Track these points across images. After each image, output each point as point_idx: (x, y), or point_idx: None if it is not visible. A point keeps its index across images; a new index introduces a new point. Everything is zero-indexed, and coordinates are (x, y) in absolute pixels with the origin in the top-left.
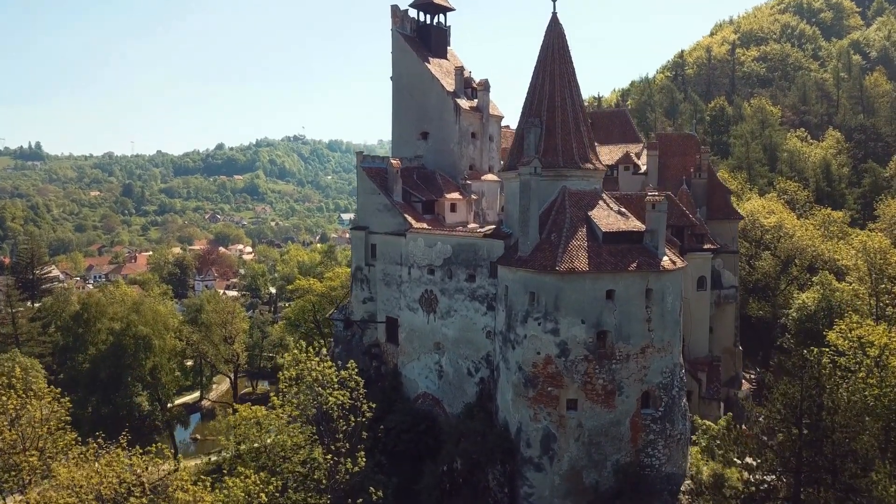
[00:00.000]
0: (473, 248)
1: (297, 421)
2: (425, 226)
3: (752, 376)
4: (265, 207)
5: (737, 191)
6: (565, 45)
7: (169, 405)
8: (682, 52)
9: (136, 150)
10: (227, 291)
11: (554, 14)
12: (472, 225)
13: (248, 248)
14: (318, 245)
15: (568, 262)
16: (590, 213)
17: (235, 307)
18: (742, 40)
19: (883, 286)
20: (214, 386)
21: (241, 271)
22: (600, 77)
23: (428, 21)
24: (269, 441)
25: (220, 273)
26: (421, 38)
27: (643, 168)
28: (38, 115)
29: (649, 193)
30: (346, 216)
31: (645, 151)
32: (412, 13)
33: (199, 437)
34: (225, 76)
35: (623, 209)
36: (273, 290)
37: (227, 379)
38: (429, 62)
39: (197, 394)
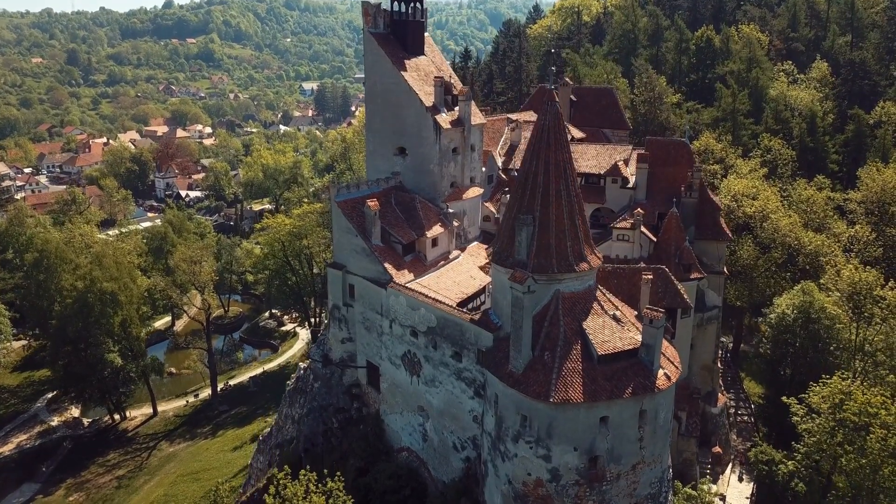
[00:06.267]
0: (460, 328)
1: None
2: (407, 272)
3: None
4: (222, 76)
5: (721, 156)
6: (561, 128)
7: (143, 334)
8: None
9: (77, 5)
10: (189, 193)
11: (551, 91)
12: (454, 253)
13: (208, 130)
14: (283, 142)
15: (563, 392)
16: (584, 325)
17: (203, 255)
18: None
19: (865, 313)
20: (186, 307)
21: (204, 162)
22: None
23: (403, 11)
24: None
25: (181, 168)
26: (396, 33)
27: (631, 182)
28: None
29: (646, 308)
30: (308, 85)
31: (633, 155)
32: (385, 4)
33: (174, 370)
34: None
35: (617, 312)
36: (238, 191)
37: (200, 297)
38: (406, 68)
39: (168, 318)
